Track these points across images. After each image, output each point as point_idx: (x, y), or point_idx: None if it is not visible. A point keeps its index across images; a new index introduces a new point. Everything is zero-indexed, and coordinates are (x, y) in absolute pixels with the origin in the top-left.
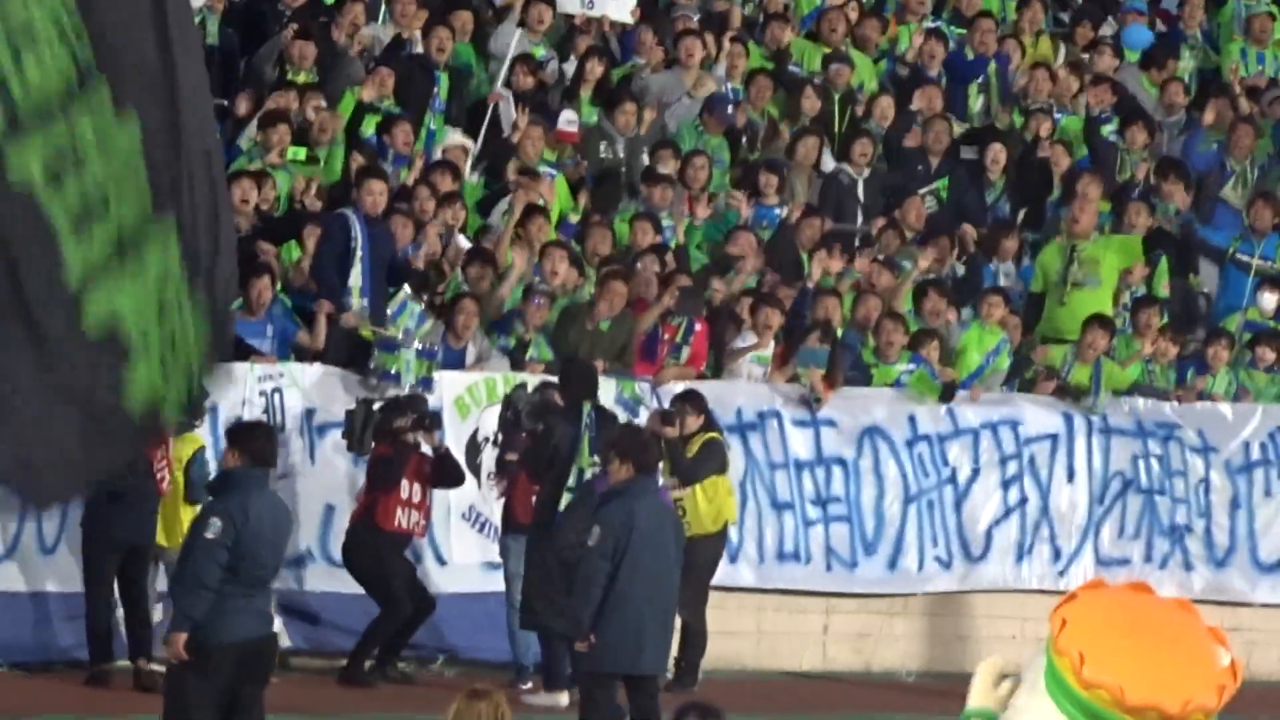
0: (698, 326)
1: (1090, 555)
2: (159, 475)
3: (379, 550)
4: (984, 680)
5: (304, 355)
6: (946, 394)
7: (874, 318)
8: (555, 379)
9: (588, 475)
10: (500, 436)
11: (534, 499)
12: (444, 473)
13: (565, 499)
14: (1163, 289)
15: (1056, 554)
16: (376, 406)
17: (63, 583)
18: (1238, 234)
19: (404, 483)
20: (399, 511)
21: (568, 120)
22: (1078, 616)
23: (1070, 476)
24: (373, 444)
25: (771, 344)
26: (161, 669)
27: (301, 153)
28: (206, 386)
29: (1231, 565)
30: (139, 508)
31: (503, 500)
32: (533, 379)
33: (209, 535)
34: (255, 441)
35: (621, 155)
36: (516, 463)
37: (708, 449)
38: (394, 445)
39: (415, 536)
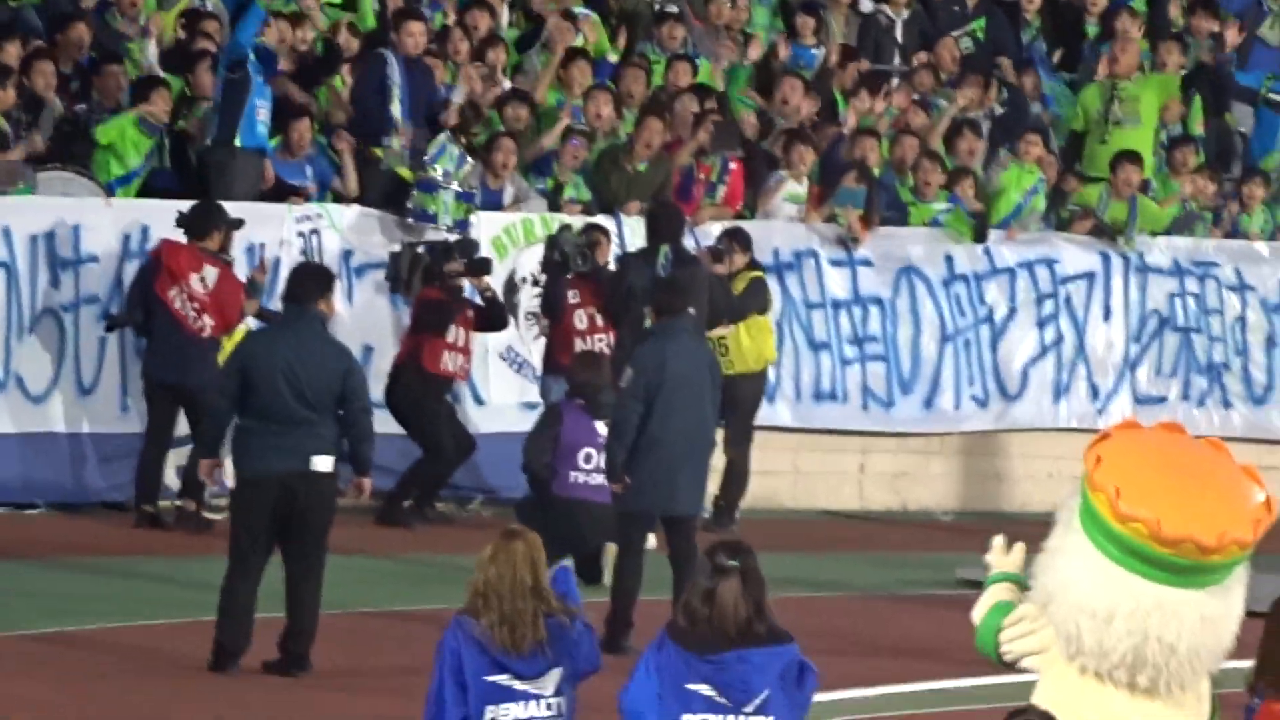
0: (732, 165)
1: (1128, 393)
2: (187, 316)
3: (424, 393)
4: (997, 549)
5: (342, 197)
6: (978, 228)
7: (911, 157)
8: (601, 221)
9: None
10: (544, 277)
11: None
12: (490, 317)
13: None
14: (1198, 128)
15: (1094, 392)
16: (422, 249)
17: (100, 423)
18: (1270, 74)
19: (450, 326)
20: (446, 355)
21: None
22: (1112, 453)
23: (1107, 315)
24: (420, 286)
25: (806, 183)
26: (210, 511)
27: None
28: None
29: (1270, 403)
30: (166, 348)
31: (544, 341)
32: (576, 220)
33: (221, 367)
34: (290, 282)
35: None
36: (561, 305)
37: (753, 287)
38: (445, 289)
39: (459, 379)
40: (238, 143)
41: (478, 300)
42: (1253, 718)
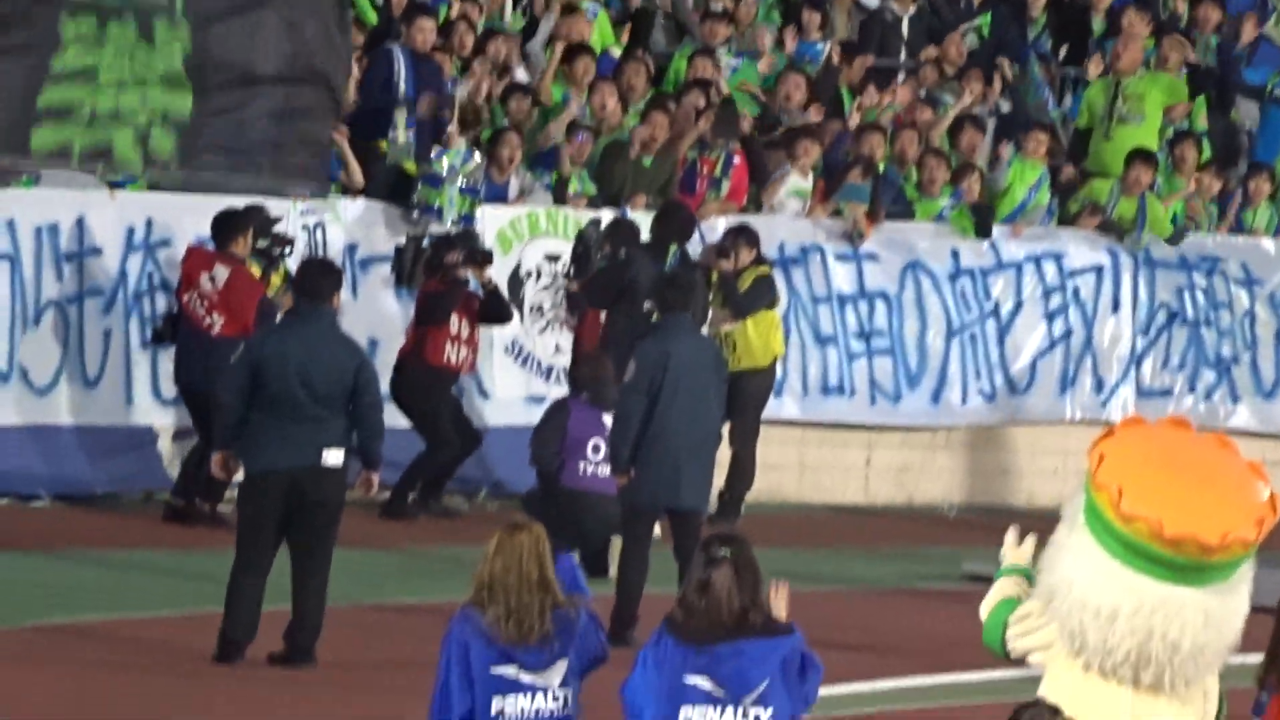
0: (736, 160)
1: (1132, 387)
2: (202, 320)
3: (427, 386)
4: (1010, 542)
5: (347, 190)
6: (981, 224)
7: (914, 153)
8: (630, 215)
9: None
10: (571, 269)
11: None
12: (493, 309)
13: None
14: (1202, 124)
15: (1099, 385)
16: (425, 242)
17: (104, 416)
18: (1276, 71)
19: (453, 318)
20: (448, 347)
21: None
22: (1116, 452)
23: (1115, 308)
24: (422, 279)
25: (811, 177)
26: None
27: None
28: None
29: (1279, 397)
30: (186, 352)
31: (572, 334)
32: (605, 215)
33: (232, 360)
34: (299, 276)
35: None
36: (584, 292)
37: (760, 284)
38: (445, 280)
39: (463, 372)
40: None
41: (480, 293)
42: (1263, 713)
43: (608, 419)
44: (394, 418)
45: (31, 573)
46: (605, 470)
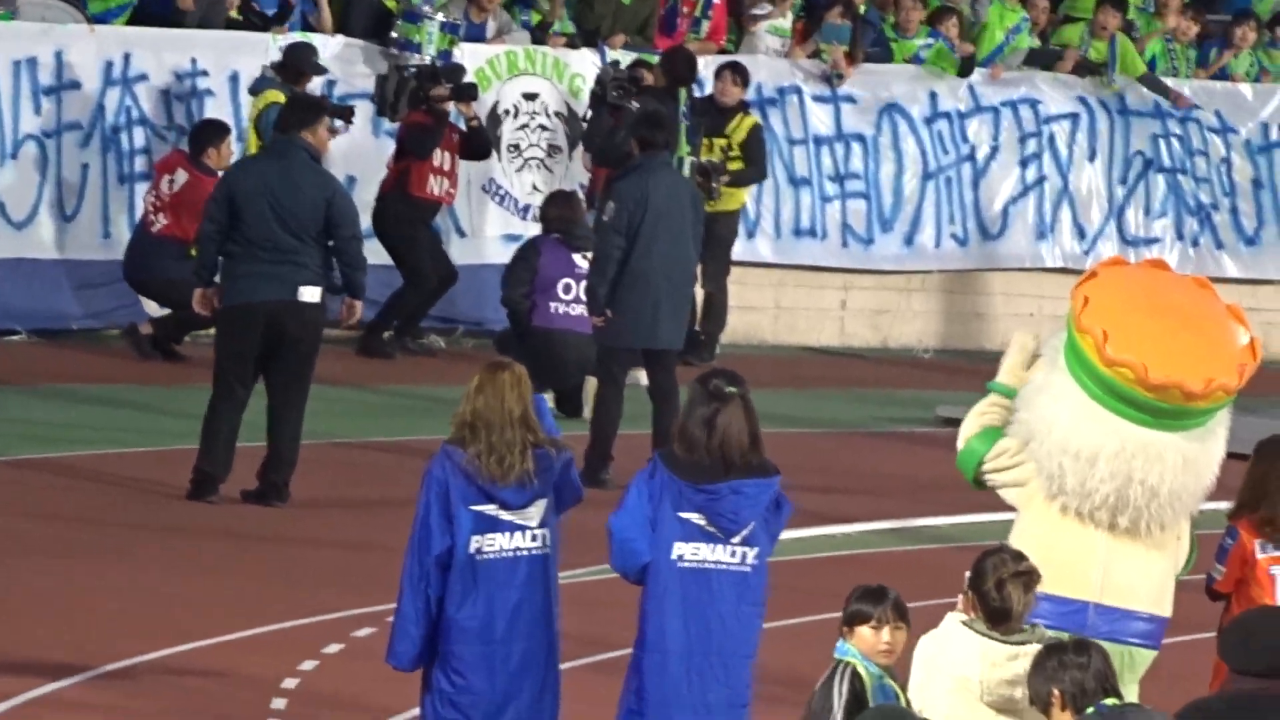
0: (716, 0)
1: (1115, 234)
2: (148, 215)
3: (410, 218)
4: (1016, 359)
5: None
6: (965, 68)
7: None
8: (608, 54)
9: (686, 165)
10: (589, 114)
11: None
12: (475, 144)
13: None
14: None
15: (1080, 233)
16: (409, 74)
17: (82, 250)
18: None
19: (437, 151)
20: (431, 179)
21: None
22: (1100, 295)
23: (1091, 156)
24: (406, 111)
25: (790, 16)
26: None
27: None
28: None
29: (1260, 243)
30: (130, 245)
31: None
32: (625, 56)
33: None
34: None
35: None
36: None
37: (757, 137)
38: (430, 113)
39: (445, 204)
40: None
41: (462, 127)
42: (1224, 559)
43: (578, 258)
44: (373, 255)
45: (8, 409)
46: (577, 309)
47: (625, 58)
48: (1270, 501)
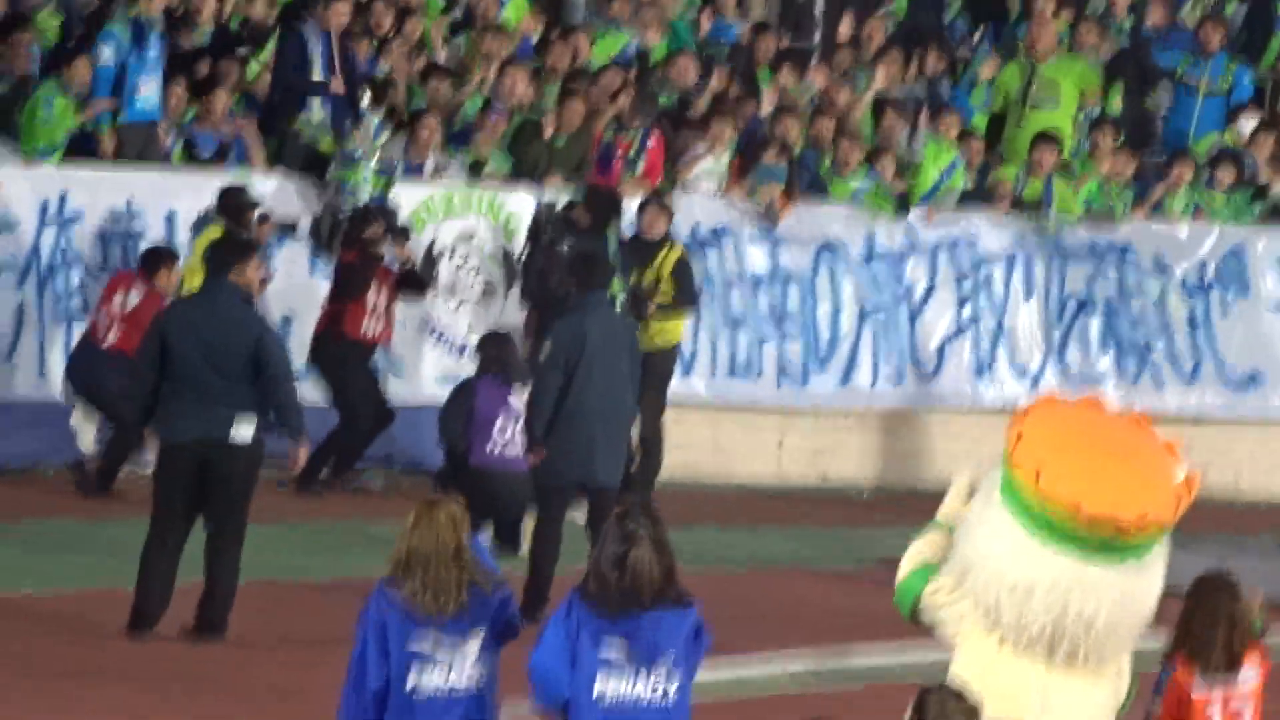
0: (651, 141)
1: (1055, 373)
2: (99, 329)
3: (344, 358)
4: (955, 498)
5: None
6: (901, 206)
7: (829, 134)
8: (545, 195)
9: (619, 302)
10: (525, 252)
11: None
12: (410, 284)
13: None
14: (1115, 107)
15: (1018, 372)
16: (343, 215)
17: (17, 389)
18: (1185, 55)
19: (371, 291)
20: (365, 320)
21: None
22: (1034, 430)
23: (1028, 295)
24: (340, 251)
25: (726, 157)
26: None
27: None
28: None
29: (1200, 380)
30: (76, 356)
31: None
32: (561, 196)
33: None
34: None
35: None
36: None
37: (684, 268)
38: (362, 254)
39: (381, 344)
40: (120, 120)
41: (395, 269)
42: (1161, 691)
43: (514, 398)
44: (308, 393)
45: None
46: (513, 449)
47: (562, 198)
48: (1204, 639)
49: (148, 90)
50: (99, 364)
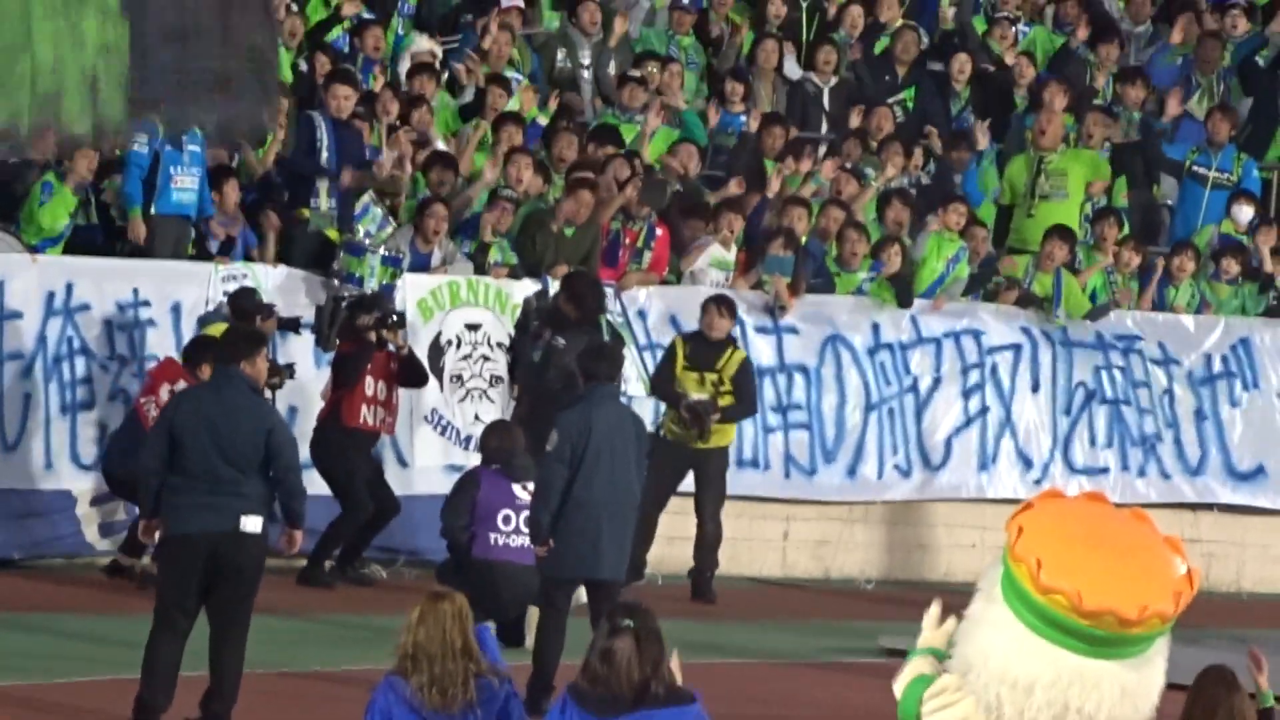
0: (659, 231)
1: (1061, 464)
2: (148, 419)
3: (343, 448)
4: (930, 622)
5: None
6: (902, 293)
7: (835, 226)
8: (551, 286)
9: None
10: (514, 344)
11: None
12: (409, 372)
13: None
14: (1122, 200)
15: (1025, 464)
16: (343, 304)
17: (24, 480)
18: (1195, 147)
19: (369, 380)
20: (364, 409)
21: None
22: (1034, 524)
23: (1035, 387)
24: (337, 341)
25: (734, 250)
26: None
27: None
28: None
29: (1206, 473)
30: (119, 440)
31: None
32: (530, 285)
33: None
34: (220, 342)
35: (585, 62)
36: (525, 388)
37: (747, 372)
38: (357, 343)
39: (383, 434)
40: (153, 211)
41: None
42: None
43: (518, 489)
44: (313, 485)
45: None
46: (516, 541)
47: (552, 288)
48: None
49: (184, 183)
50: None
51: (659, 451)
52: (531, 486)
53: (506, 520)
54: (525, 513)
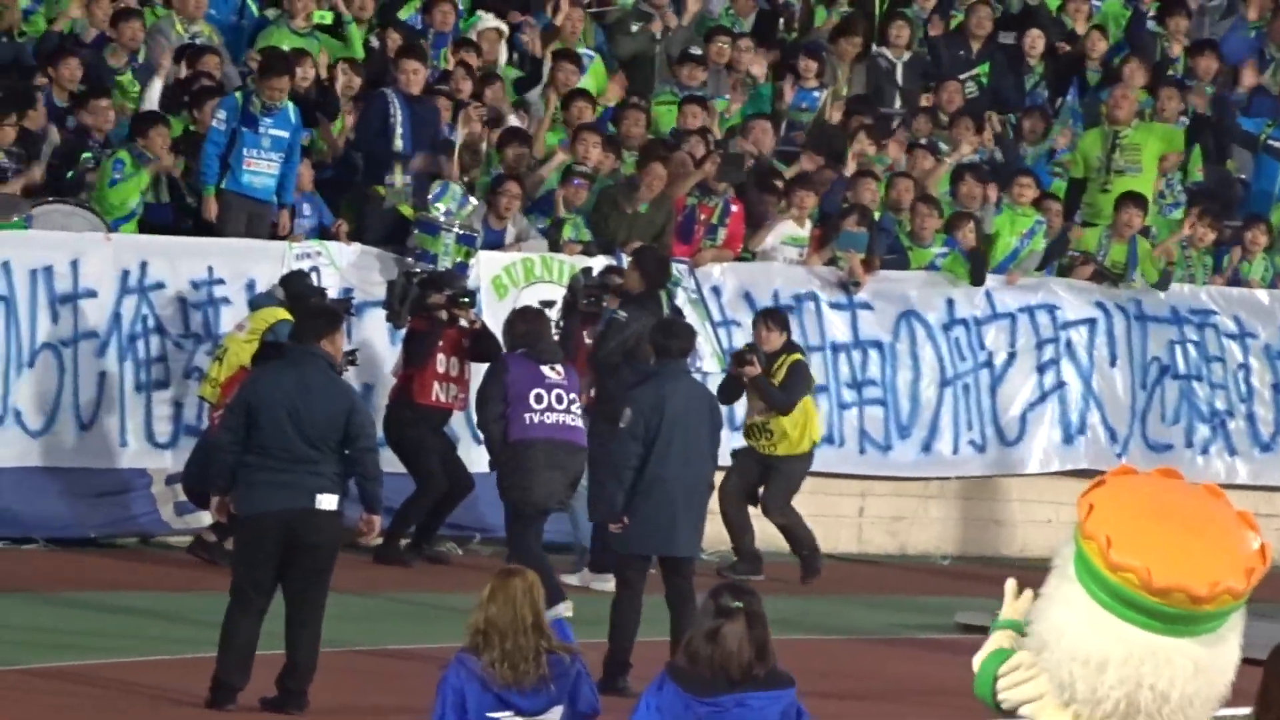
0: (734, 208)
1: (1140, 439)
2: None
3: (416, 426)
4: (1008, 596)
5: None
6: (975, 270)
7: (907, 201)
8: (620, 264)
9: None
10: (561, 320)
11: (593, 389)
12: (482, 345)
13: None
14: (1197, 173)
15: (1101, 438)
16: (415, 281)
17: (98, 459)
18: (1270, 120)
19: (440, 357)
20: (436, 385)
21: None
22: (1105, 501)
23: (1112, 361)
24: (409, 319)
25: (808, 225)
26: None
27: (328, 16)
28: None
29: (1277, 448)
30: (199, 453)
31: None
32: (597, 262)
33: (228, 402)
34: (297, 320)
35: (658, 37)
36: (576, 346)
37: (795, 373)
38: (428, 320)
39: (456, 410)
40: (224, 186)
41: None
42: None
43: (546, 370)
44: (387, 462)
45: (25, 616)
46: (551, 418)
47: (597, 264)
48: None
49: (257, 165)
50: None
51: (739, 455)
52: (559, 367)
53: (539, 399)
54: (556, 390)
